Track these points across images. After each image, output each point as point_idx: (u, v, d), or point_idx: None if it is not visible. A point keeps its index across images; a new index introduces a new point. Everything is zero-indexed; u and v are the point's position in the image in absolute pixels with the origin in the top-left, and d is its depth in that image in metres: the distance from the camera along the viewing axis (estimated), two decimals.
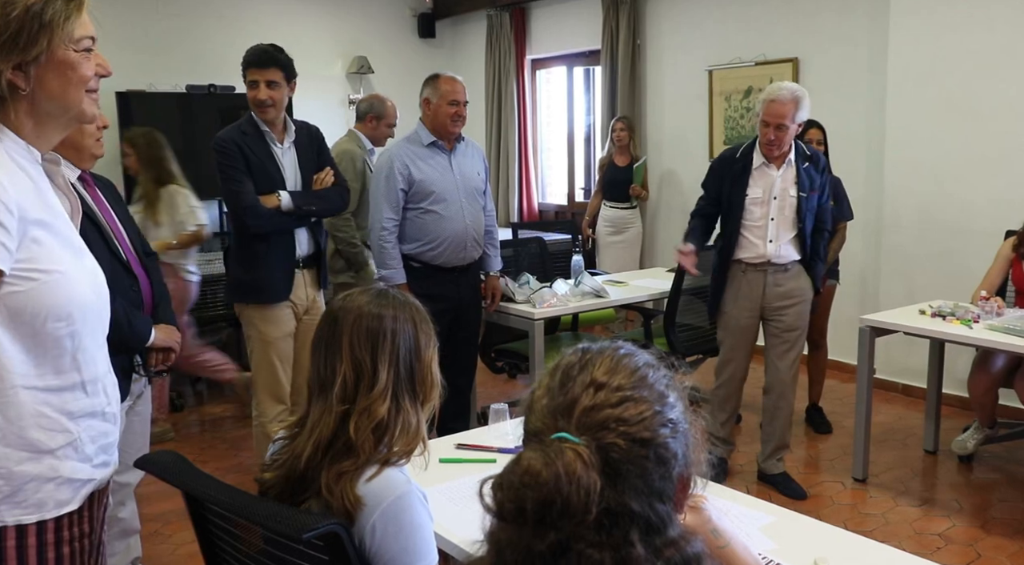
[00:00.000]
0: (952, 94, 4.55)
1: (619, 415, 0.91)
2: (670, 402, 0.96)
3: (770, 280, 3.62)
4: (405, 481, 1.44)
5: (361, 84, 7.60)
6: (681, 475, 0.95)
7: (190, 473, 1.50)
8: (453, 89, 3.63)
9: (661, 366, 1.00)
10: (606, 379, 0.94)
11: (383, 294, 1.53)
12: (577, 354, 1.00)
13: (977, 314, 3.50)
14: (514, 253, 5.00)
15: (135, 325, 2.26)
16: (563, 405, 0.93)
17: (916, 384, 4.86)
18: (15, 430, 1.26)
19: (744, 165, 3.56)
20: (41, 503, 1.30)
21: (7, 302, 1.24)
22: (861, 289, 5.15)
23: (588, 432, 0.90)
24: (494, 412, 2.26)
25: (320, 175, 3.35)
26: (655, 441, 0.92)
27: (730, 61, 5.84)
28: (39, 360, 1.28)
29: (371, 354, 1.46)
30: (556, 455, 0.87)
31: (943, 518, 3.42)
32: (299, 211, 3.24)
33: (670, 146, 6.40)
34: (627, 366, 0.96)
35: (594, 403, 0.92)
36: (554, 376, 0.98)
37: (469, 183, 3.76)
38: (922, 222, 4.76)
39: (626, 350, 1.00)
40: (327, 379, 1.48)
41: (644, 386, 0.95)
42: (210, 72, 6.65)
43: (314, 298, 3.41)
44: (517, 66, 7.40)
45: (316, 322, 3.34)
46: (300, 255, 3.33)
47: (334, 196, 3.39)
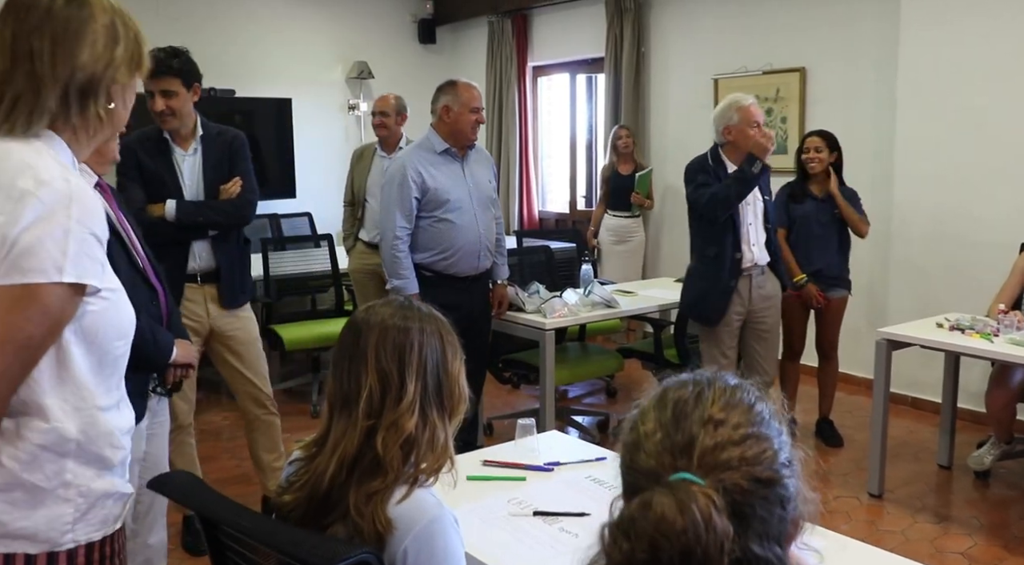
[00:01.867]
0: (964, 104, 4.52)
1: (742, 454, 0.86)
2: (784, 439, 0.91)
3: (754, 283, 3.77)
4: (437, 504, 1.38)
5: (361, 89, 7.53)
6: (795, 513, 0.89)
7: (208, 495, 1.42)
8: (472, 96, 3.57)
9: (765, 396, 0.94)
10: (724, 415, 0.88)
11: (408, 306, 1.48)
12: (685, 387, 0.93)
13: (997, 327, 3.46)
14: (519, 261, 4.94)
15: (159, 341, 2.17)
16: (681, 443, 0.87)
17: (926, 397, 4.82)
18: (94, 448, 1.27)
19: (724, 172, 3.68)
20: (105, 520, 1.31)
21: (85, 322, 1.24)
22: (869, 301, 5.10)
23: (712, 473, 0.84)
24: (521, 427, 2.19)
25: (227, 185, 3.13)
26: (777, 481, 0.86)
27: (736, 70, 5.80)
28: (104, 379, 1.29)
29: (398, 366, 1.41)
30: (689, 499, 0.80)
31: (964, 536, 3.37)
32: (182, 221, 3.02)
33: (675, 156, 6.34)
34: (743, 401, 0.91)
35: (716, 441, 0.86)
36: (663, 410, 0.91)
37: (482, 191, 3.70)
38: (932, 234, 4.72)
39: (735, 382, 0.94)
40: (351, 392, 1.41)
41: (762, 422, 0.89)
42: (210, 76, 6.48)
43: (218, 316, 3.16)
44: (518, 73, 7.34)
45: (236, 343, 3.23)
46: (195, 268, 3.10)
47: (231, 209, 3.13)
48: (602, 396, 5.34)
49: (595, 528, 1.76)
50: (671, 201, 6.35)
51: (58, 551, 1.23)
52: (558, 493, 1.94)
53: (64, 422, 1.22)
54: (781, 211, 4.20)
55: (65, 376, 1.23)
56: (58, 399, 1.22)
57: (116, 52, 1.27)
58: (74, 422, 1.23)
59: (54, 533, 1.23)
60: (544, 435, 2.33)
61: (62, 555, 1.24)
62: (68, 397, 1.23)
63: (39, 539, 1.22)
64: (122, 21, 1.29)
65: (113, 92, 1.28)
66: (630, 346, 4.81)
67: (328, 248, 5.26)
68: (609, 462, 2.15)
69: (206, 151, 3.12)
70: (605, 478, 2.02)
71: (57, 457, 1.22)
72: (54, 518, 1.23)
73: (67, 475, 1.23)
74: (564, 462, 2.12)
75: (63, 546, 1.24)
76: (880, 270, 5.04)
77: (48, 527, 1.22)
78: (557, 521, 1.79)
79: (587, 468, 2.10)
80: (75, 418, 1.23)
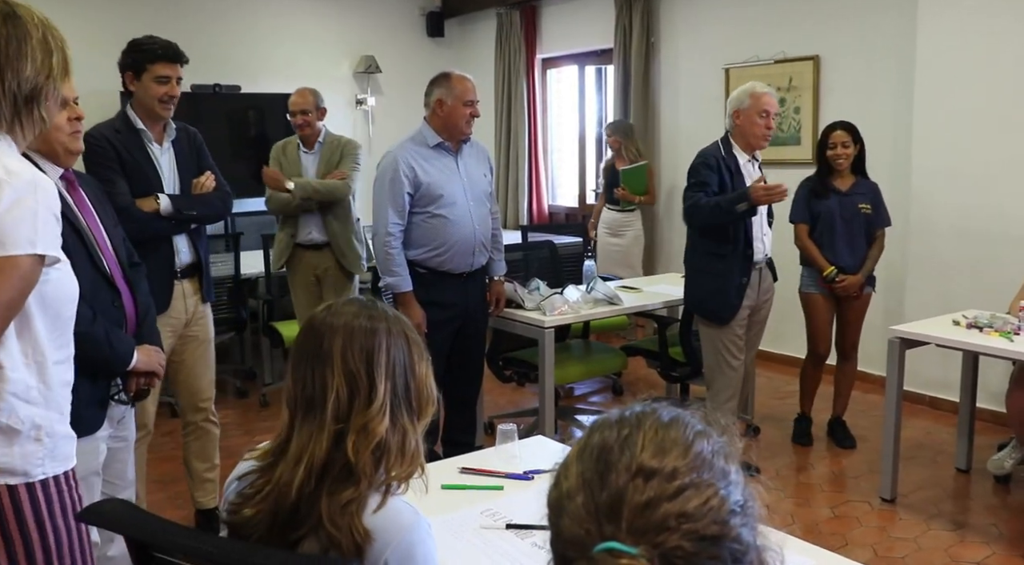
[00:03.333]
0: (983, 97, 4.34)
1: (681, 510, 0.71)
2: (733, 478, 0.76)
3: (761, 276, 3.80)
4: (413, 512, 1.30)
5: (369, 84, 7.44)
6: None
7: (149, 522, 1.28)
8: (466, 88, 3.46)
9: (711, 429, 0.79)
10: (656, 463, 0.73)
11: (371, 306, 1.40)
12: (611, 429, 0.78)
13: (1018, 326, 3.30)
14: (523, 257, 4.83)
15: (116, 347, 2.04)
16: (606, 503, 0.72)
17: (944, 397, 4.65)
18: (54, 396, 1.52)
19: (736, 165, 3.64)
20: (66, 457, 1.57)
21: (44, 289, 1.46)
22: (886, 297, 4.93)
23: (644, 537, 0.70)
24: (501, 433, 2.08)
25: (200, 179, 3.08)
26: (727, 535, 0.72)
27: (748, 59, 5.65)
28: (56, 337, 1.52)
29: (367, 367, 1.32)
30: None
31: (981, 545, 3.21)
32: (180, 216, 2.97)
33: (686, 147, 6.17)
34: (677, 440, 0.76)
35: (648, 497, 0.71)
36: (586, 461, 0.76)
37: (476, 186, 3.58)
38: (952, 229, 4.55)
39: (669, 416, 0.79)
40: (316, 396, 1.31)
41: (703, 465, 0.74)
42: (215, 72, 6.51)
43: (196, 310, 3.12)
44: (527, 65, 7.22)
45: (201, 337, 3.09)
46: (180, 265, 3.04)
47: (216, 201, 3.11)
48: (608, 394, 5.21)
49: None
50: (680, 194, 6.17)
51: (33, 482, 1.50)
52: (536, 504, 1.79)
53: (24, 373, 1.46)
54: (802, 207, 4.06)
55: (26, 334, 1.47)
56: (20, 354, 1.46)
57: (52, 62, 1.48)
58: (33, 373, 1.48)
59: (29, 466, 1.49)
60: (528, 440, 2.21)
61: (36, 485, 1.50)
62: (28, 352, 1.47)
63: (17, 472, 1.48)
64: (51, 33, 1.49)
65: (50, 95, 1.50)
66: (634, 344, 4.68)
67: None
68: None
69: (178, 146, 3.07)
70: None
71: (25, 403, 1.47)
72: (28, 455, 1.49)
73: (37, 419, 1.49)
74: (545, 470, 1.99)
75: (36, 478, 1.50)
76: (898, 266, 4.86)
77: (24, 462, 1.48)
78: (530, 535, 1.68)
79: None
80: (35, 370, 1.48)
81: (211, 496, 3.29)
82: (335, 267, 4.40)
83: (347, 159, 4.41)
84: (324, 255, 4.39)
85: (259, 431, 4.53)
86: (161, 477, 3.85)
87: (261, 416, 4.77)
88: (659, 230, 6.39)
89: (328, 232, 4.37)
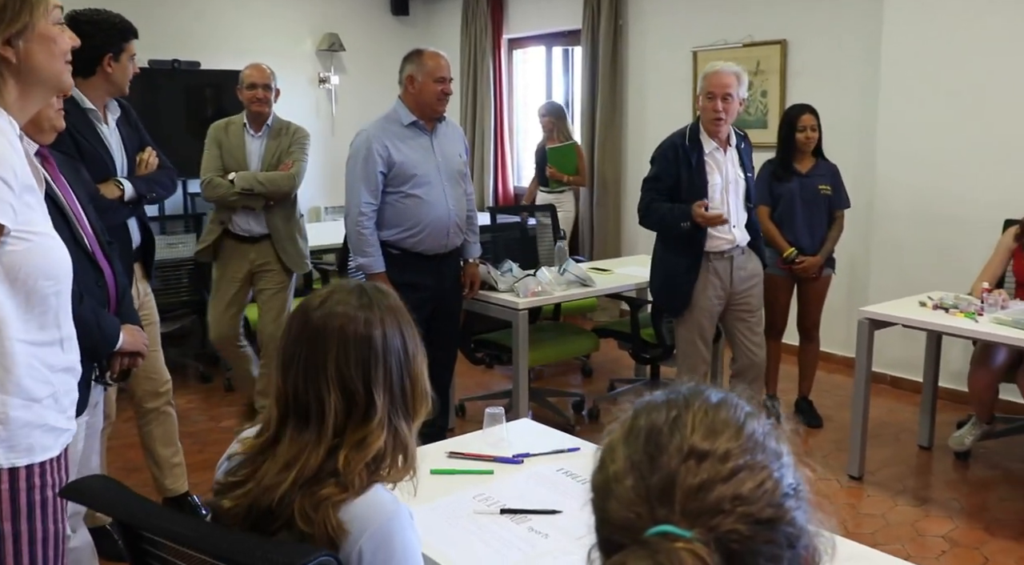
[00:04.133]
0: (948, 83, 4.41)
1: (734, 492, 0.69)
2: (785, 460, 0.74)
3: (736, 265, 3.60)
4: (392, 500, 1.25)
5: (332, 62, 7.32)
6: (807, 551, 0.74)
7: (131, 501, 1.26)
8: (439, 65, 3.40)
9: (758, 410, 0.78)
10: (709, 445, 0.71)
11: (363, 297, 1.31)
12: (659, 411, 0.75)
13: (981, 306, 3.37)
14: (492, 239, 4.80)
15: (105, 327, 1.96)
16: (658, 486, 0.70)
17: (905, 376, 4.75)
18: (12, 379, 1.38)
19: (698, 152, 3.49)
20: (31, 448, 1.42)
21: (5, 260, 1.36)
22: (849, 279, 5.02)
23: (699, 521, 0.68)
24: (489, 416, 2.06)
25: (143, 156, 2.93)
26: (782, 518, 0.70)
27: (715, 43, 5.66)
28: (29, 316, 1.41)
29: (364, 383, 1.26)
30: (672, 561, 0.65)
31: (945, 519, 3.30)
32: (144, 200, 2.85)
33: (653, 129, 6.19)
34: (728, 422, 0.74)
35: (701, 480, 0.69)
36: (634, 443, 0.74)
37: (451, 165, 3.55)
38: (914, 212, 4.63)
39: (717, 397, 0.77)
40: (312, 407, 1.26)
41: (756, 446, 0.72)
42: (174, 47, 6.33)
43: (145, 292, 3.01)
44: (494, 46, 7.15)
45: (151, 319, 2.98)
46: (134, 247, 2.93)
47: (166, 180, 3.01)
48: (578, 376, 5.23)
49: (567, 527, 1.65)
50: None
51: None
52: (527, 488, 1.82)
53: None
54: (764, 189, 4.08)
55: None
56: None
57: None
58: None
59: None
60: (514, 423, 2.21)
61: None
62: None
63: None
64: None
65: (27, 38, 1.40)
66: (606, 326, 4.69)
67: None
68: (582, 453, 2.03)
69: (122, 124, 2.94)
70: (578, 471, 1.90)
71: None
72: None
73: None
74: (534, 454, 1.99)
75: None
76: (862, 248, 4.95)
77: None
78: (526, 520, 1.67)
79: (558, 460, 1.97)
80: None
81: (181, 481, 3.23)
82: (275, 262, 3.98)
83: (296, 148, 3.97)
84: (262, 249, 3.96)
85: (224, 416, 4.46)
86: (124, 465, 3.77)
87: (225, 400, 4.69)
88: (631, 211, 6.40)
89: (269, 225, 3.94)
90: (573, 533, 1.61)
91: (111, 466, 3.21)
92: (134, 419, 3.62)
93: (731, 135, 3.54)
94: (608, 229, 6.41)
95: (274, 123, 3.99)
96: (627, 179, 6.40)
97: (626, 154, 6.37)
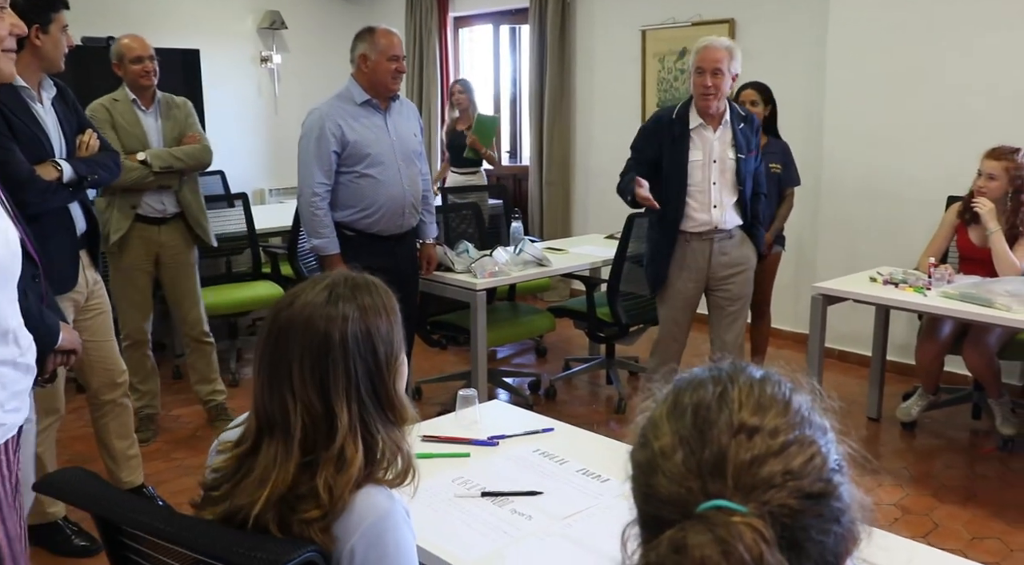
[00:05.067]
0: (893, 62, 4.50)
1: (787, 467, 0.69)
2: (830, 436, 0.75)
3: (716, 248, 3.48)
4: (388, 496, 1.19)
5: (274, 41, 7.13)
6: (851, 527, 0.74)
7: (111, 495, 1.21)
8: (391, 43, 3.34)
9: (801, 385, 0.78)
10: (758, 420, 0.71)
11: (333, 293, 1.22)
12: (703, 387, 0.75)
13: (929, 281, 3.46)
14: (445, 219, 4.77)
15: (48, 323, 1.85)
16: (710, 461, 0.70)
17: (852, 350, 4.87)
18: None
19: (682, 127, 3.39)
20: None
21: None
22: (798, 255, 5.11)
23: (753, 495, 0.68)
24: (461, 398, 2.04)
25: (83, 138, 2.81)
26: (831, 493, 0.71)
27: (664, 21, 5.68)
28: None
29: (321, 394, 1.17)
30: (732, 538, 0.64)
31: (895, 487, 3.40)
32: (84, 182, 2.73)
33: (601, 108, 6.22)
34: (776, 398, 0.74)
35: (753, 455, 0.69)
36: (681, 418, 0.73)
37: (406, 145, 3.49)
38: (861, 189, 4.73)
39: (762, 374, 0.77)
40: (278, 418, 1.19)
41: (803, 421, 0.73)
42: (109, 24, 6.08)
43: (95, 280, 2.89)
44: (439, 24, 7.06)
45: (103, 308, 2.90)
46: (78, 234, 2.80)
47: (110, 162, 2.89)
48: (532, 356, 5.23)
49: (549, 508, 1.64)
50: (597, 155, 6.22)
51: None
52: (505, 470, 1.80)
53: None
54: None
55: None
56: None
57: None
58: None
59: None
60: (485, 405, 2.19)
61: None
62: None
63: None
64: None
65: None
66: (562, 305, 4.70)
67: (243, 208, 4.96)
68: (556, 433, 2.02)
69: (58, 103, 2.79)
70: (554, 451, 1.89)
71: None
72: None
73: None
74: (509, 435, 1.98)
75: None
76: (809, 226, 5.04)
77: None
78: (508, 502, 1.66)
79: (534, 441, 1.96)
80: None
81: (137, 473, 3.14)
82: (181, 242, 3.76)
83: (191, 118, 3.79)
84: (169, 229, 3.71)
85: (175, 404, 4.35)
86: (73, 458, 3.65)
87: (174, 388, 4.57)
88: (582, 191, 6.42)
89: (181, 201, 3.71)
90: (556, 514, 1.60)
91: (60, 460, 3.10)
92: (79, 411, 3.49)
93: (727, 113, 3.40)
94: (558, 209, 6.42)
95: (161, 97, 3.75)
96: (576, 158, 6.40)
97: (575, 133, 6.37)
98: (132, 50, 3.63)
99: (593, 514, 1.60)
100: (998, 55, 4.17)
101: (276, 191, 7.17)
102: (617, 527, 0.77)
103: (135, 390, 3.70)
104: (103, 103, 3.63)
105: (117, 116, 3.61)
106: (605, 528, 1.53)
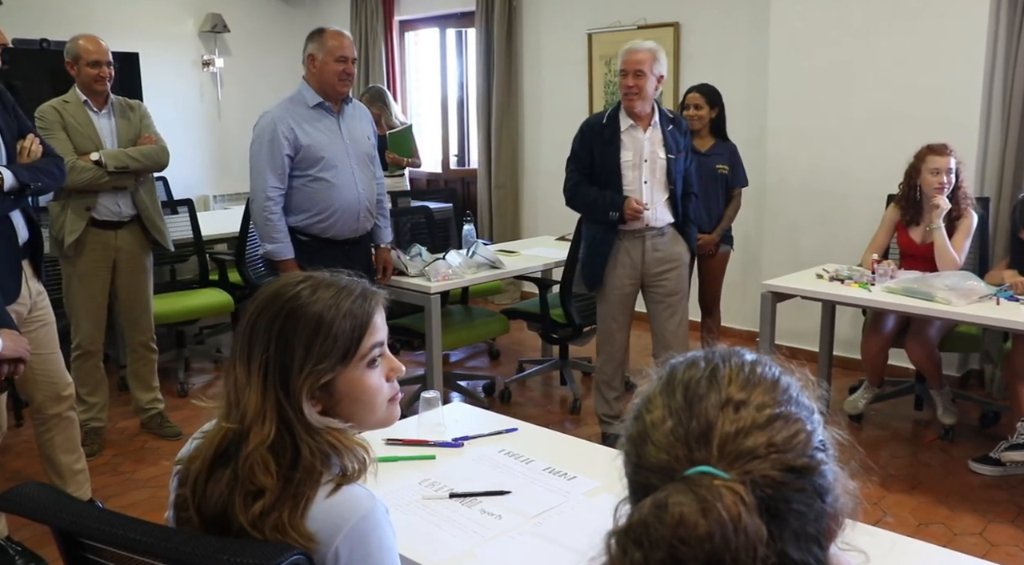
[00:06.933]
0: (833, 61, 4.62)
1: (770, 440, 0.72)
2: (816, 417, 0.78)
3: (648, 246, 3.58)
4: (369, 496, 1.18)
5: (216, 44, 7.01)
6: (836, 509, 0.77)
7: (76, 508, 1.17)
8: (340, 44, 3.32)
9: (790, 371, 0.81)
10: (745, 395, 0.75)
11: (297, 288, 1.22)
12: (696, 366, 0.79)
13: (873, 277, 3.57)
14: (396, 223, 4.74)
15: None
16: (697, 430, 0.73)
17: (799, 346, 4.97)
18: None
19: (613, 129, 3.51)
20: None
21: None
22: (744, 254, 5.21)
23: (736, 464, 0.71)
24: (424, 401, 2.03)
25: (24, 143, 2.73)
26: (814, 469, 0.74)
27: (610, 25, 5.74)
28: None
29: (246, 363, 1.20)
30: (713, 498, 0.67)
31: None
32: (27, 190, 2.63)
33: (549, 111, 6.26)
34: (765, 377, 0.78)
35: (738, 427, 0.73)
36: (672, 393, 0.77)
37: (360, 148, 3.47)
38: (804, 188, 4.84)
39: (753, 357, 0.81)
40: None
41: (790, 400, 0.76)
42: (43, 26, 5.92)
43: (38, 291, 2.81)
44: (385, 28, 7.03)
45: (47, 320, 2.85)
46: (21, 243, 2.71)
47: (54, 169, 2.81)
48: (485, 359, 5.23)
49: (518, 507, 1.64)
50: (547, 158, 6.26)
51: None
52: (472, 471, 1.81)
53: None
54: None
55: None
56: None
57: None
58: None
59: None
60: (448, 407, 2.18)
61: None
62: None
63: None
64: None
65: None
66: (515, 307, 4.71)
67: (188, 214, 4.86)
68: (520, 433, 2.03)
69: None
70: (519, 451, 1.90)
71: None
72: None
73: None
74: (473, 436, 1.98)
75: None
76: (755, 225, 5.14)
77: None
78: (476, 502, 1.66)
79: (498, 441, 1.97)
80: None
81: (85, 487, 3.06)
82: (137, 247, 3.71)
83: (147, 121, 3.78)
84: (126, 233, 3.66)
85: (122, 416, 4.24)
86: (14, 476, 3.53)
87: (121, 400, 4.45)
88: (531, 193, 6.44)
89: (137, 204, 3.66)
90: (525, 512, 1.61)
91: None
92: (14, 427, 3.36)
93: (655, 115, 3.54)
94: (508, 211, 6.44)
95: (115, 99, 3.70)
96: (524, 161, 6.43)
97: (523, 136, 6.40)
98: (89, 54, 3.58)
99: (563, 511, 1.62)
100: (920, 49, 4.31)
101: (221, 197, 7.05)
102: (586, 524, 0.79)
103: (83, 402, 3.61)
104: (53, 105, 3.57)
105: (68, 117, 3.54)
106: (575, 524, 1.54)
